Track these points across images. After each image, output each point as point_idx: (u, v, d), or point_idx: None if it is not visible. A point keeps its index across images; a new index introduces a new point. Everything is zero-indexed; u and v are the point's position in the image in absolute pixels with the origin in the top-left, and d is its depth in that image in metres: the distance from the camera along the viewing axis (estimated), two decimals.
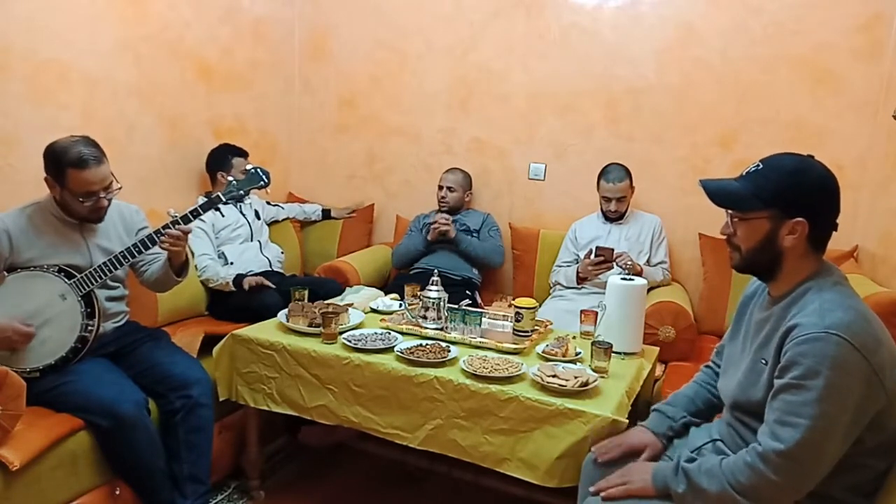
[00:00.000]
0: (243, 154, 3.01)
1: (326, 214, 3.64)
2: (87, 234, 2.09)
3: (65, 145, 1.93)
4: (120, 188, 2.05)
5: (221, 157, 3.00)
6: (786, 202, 1.29)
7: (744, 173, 1.36)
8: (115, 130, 2.71)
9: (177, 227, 2.02)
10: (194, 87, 3.12)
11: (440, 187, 3.33)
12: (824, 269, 1.33)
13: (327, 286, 2.80)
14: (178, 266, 2.13)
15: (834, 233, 1.34)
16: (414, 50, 3.55)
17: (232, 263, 2.86)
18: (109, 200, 2.03)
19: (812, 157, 1.32)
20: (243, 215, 3.04)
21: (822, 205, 1.29)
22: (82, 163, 1.91)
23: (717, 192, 1.36)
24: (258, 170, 2.17)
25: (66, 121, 2.46)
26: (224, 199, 2.11)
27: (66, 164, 1.91)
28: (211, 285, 2.79)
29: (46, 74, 2.45)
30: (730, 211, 1.38)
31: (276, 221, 3.41)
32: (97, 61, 2.63)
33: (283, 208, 3.47)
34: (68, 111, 2.52)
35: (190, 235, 2.09)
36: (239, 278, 2.76)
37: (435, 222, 3.13)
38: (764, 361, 1.32)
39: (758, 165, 1.34)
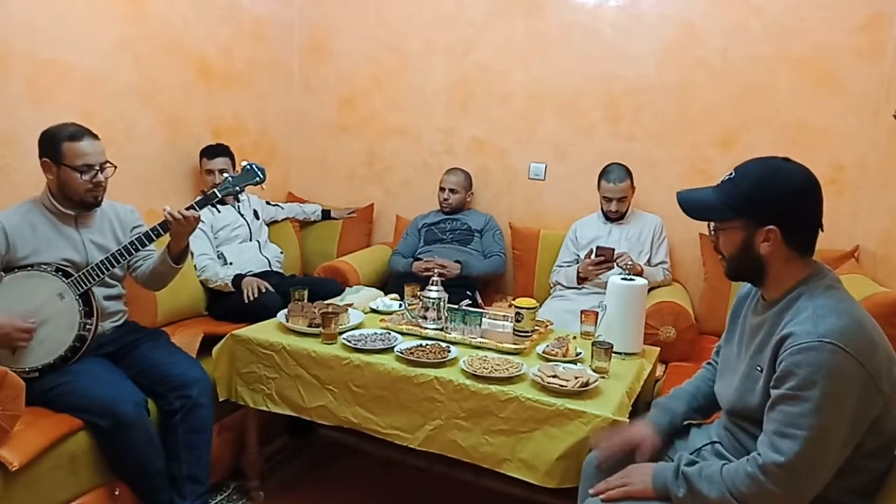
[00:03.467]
0: (209, 154, 2.97)
1: (326, 215, 3.64)
2: (82, 228, 2.09)
3: (58, 125, 2.00)
4: (115, 168, 2.07)
5: (199, 155, 3.03)
6: (755, 211, 1.29)
7: (720, 182, 1.36)
8: (114, 130, 2.71)
9: (188, 211, 2.02)
10: (194, 86, 3.12)
11: (442, 189, 3.32)
12: (816, 272, 1.32)
13: (327, 286, 2.80)
14: (178, 254, 2.12)
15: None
16: (414, 50, 3.55)
17: (231, 264, 2.86)
18: (106, 180, 2.04)
19: (787, 159, 1.32)
20: (241, 215, 3.03)
21: (794, 211, 1.28)
22: (77, 135, 1.97)
23: (690, 204, 1.38)
24: (253, 166, 2.17)
25: (66, 120, 2.45)
26: (219, 195, 2.11)
27: (61, 138, 1.96)
28: (210, 285, 2.78)
29: (46, 74, 2.45)
30: (710, 222, 1.40)
31: (276, 221, 3.40)
32: (97, 61, 2.63)
33: (282, 208, 3.46)
34: (68, 111, 2.51)
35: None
36: (238, 278, 2.75)
37: (431, 269, 2.78)
38: (759, 369, 1.31)
39: (731, 174, 1.34)
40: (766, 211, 1.28)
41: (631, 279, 2.16)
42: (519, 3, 3.29)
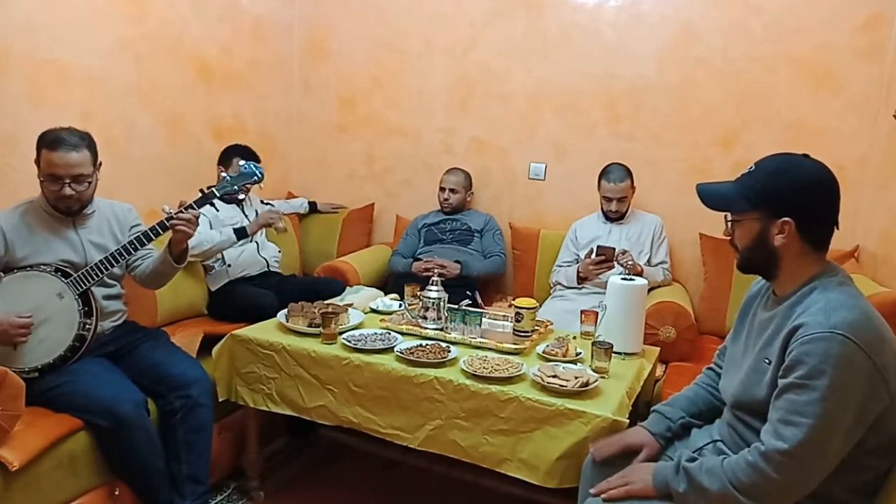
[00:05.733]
0: (245, 157, 2.89)
1: (313, 207, 3.63)
2: (80, 229, 2.09)
3: (52, 129, 1.96)
4: (90, 185, 2.01)
5: (226, 155, 2.96)
6: (771, 202, 1.31)
7: (740, 176, 1.39)
8: (114, 130, 2.71)
9: (188, 210, 2.02)
10: (194, 86, 3.12)
11: (442, 189, 3.32)
12: (829, 269, 1.33)
13: (329, 286, 2.79)
14: (179, 253, 2.11)
15: (836, 231, 1.34)
16: (414, 50, 3.55)
17: (230, 266, 2.84)
18: (78, 193, 1.98)
19: (807, 156, 1.33)
20: (245, 216, 3.02)
21: (808, 204, 1.30)
22: (54, 143, 1.92)
23: (709, 195, 1.41)
24: (252, 166, 2.16)
25: (66, 121, 2.43)
26: (217, 194, 2.11)
27: (42, 144, 1.94)
28: (209, 257, 2.76)
29: (46, 74, 2.45)
30: (727, 214, 1.41)
31: None
32: (97, 61, 2.63)
33: (273, 206, 3.43)
34: (68, 111, 2.52)
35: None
36: (241, 231, 2.77)
37: (431, 269, 2.84)
38: (767, 361, 1.32)
39: (751, 167, 1.37)
40: (782, 203, 1.30)
41: (631, 279, 2.16)
42: (519, 3, 3.29)
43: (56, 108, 2.47)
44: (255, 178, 2.16)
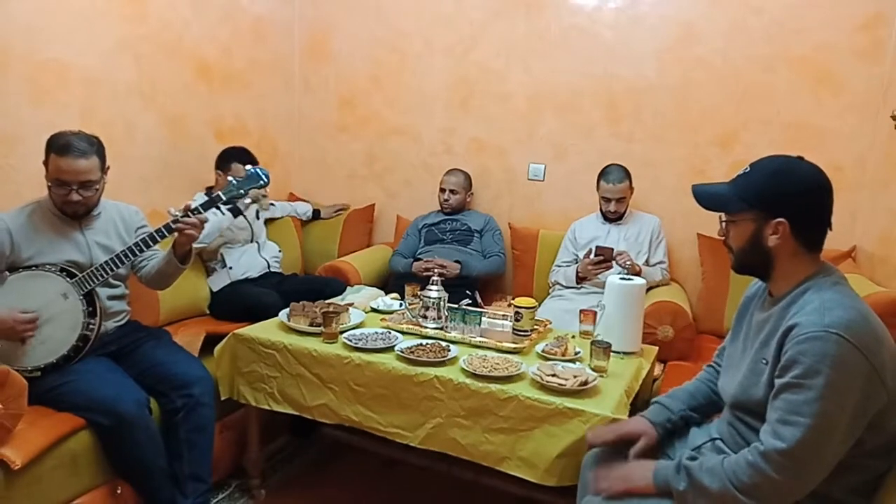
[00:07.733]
0: (244, 160, 2.87)
1: (316, 215, 3.64)
2: (86, 230, 2.10)
3: (61, 133, 1.97)
4: (97, 190, 2.03)
5: (224, 158, 2.93)
6: (766, 203, 1.32)
7: (735, 177, 1.40)
8: (114, 130, 2.72)
9: (196, 215, 2.02)
10: (194, 86, 3.12)
11: (442, 190, 3.33)
12: (823, 269, 1.34)
13: (331, 286, 2.80)
14: (183, 254, 2.12)
15: (831, 232, 1.35)
16: (414, 50, 3.55)
17: (231, 268, 2.85)
18: (85, 199, 2.00)
19: (801, 158, 1.35)
20: (244, 217, 3.02)
21: (803, 206, 1.31)
22: (63, 149, 1.93)
23: (704, 196, 1.43)
24: (258, 169, 2.17)
25: (66, 121, 2.46)
26: (224, 198, 2.12)
27: (51, 148, 1.95)
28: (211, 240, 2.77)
29: (46, 74, 2.45)
30: (721, 215, 1.43)
31: (270, 220, 3.38)
32: (97, 61, 2.64)
33: (275, 206, 3.43)
34: (68, 111, 2.52)
35: None
36: (235, 209, 2.76)
37: (431, 269, 2.89)
38: (764, 361, 1.33)
39: (746, 169, 1.38)
40: (777, 204, 1.31)
41: (629, 279, 2.17)
42: (519, 4, 3.30)
43: (56, 108, 2.48)
44: (262, 182, 2.16)
